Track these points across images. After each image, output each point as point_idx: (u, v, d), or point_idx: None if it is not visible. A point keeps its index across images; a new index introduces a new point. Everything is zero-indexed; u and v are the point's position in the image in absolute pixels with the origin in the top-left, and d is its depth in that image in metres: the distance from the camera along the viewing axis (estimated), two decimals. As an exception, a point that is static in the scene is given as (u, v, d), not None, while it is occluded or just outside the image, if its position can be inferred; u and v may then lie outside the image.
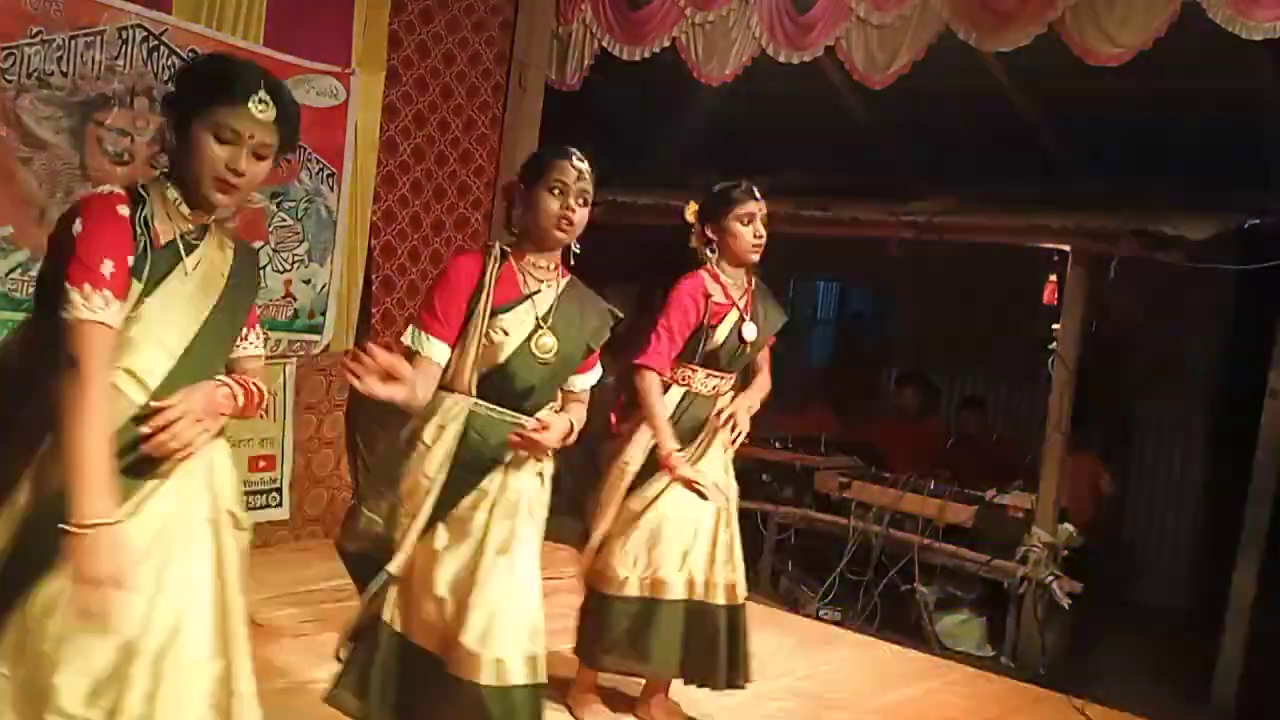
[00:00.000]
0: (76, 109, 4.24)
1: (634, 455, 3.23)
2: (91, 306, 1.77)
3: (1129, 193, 5.73)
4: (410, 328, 2.51)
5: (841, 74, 5.53)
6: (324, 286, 5.19)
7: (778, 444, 6.13)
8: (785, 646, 4.64)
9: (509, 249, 2.59)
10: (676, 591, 3.22)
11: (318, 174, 5.10)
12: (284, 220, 5.00)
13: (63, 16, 4.15)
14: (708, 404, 3.29)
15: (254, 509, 5.02)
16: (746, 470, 5.97)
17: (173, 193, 1.93)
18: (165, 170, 1.95)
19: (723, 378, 3.32)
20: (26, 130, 4.11)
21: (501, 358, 2.50)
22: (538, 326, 2.54)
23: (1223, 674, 4.77)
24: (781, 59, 5.44)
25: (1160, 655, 5.53)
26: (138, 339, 1.88)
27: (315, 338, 5.20)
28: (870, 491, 5.59)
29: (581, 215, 2.56)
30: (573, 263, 2.68)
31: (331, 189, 5.15)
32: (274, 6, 4.80)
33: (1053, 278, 5.19)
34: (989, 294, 6.54)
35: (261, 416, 4.71)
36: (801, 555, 5.85)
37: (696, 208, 3.34)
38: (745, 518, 5.75)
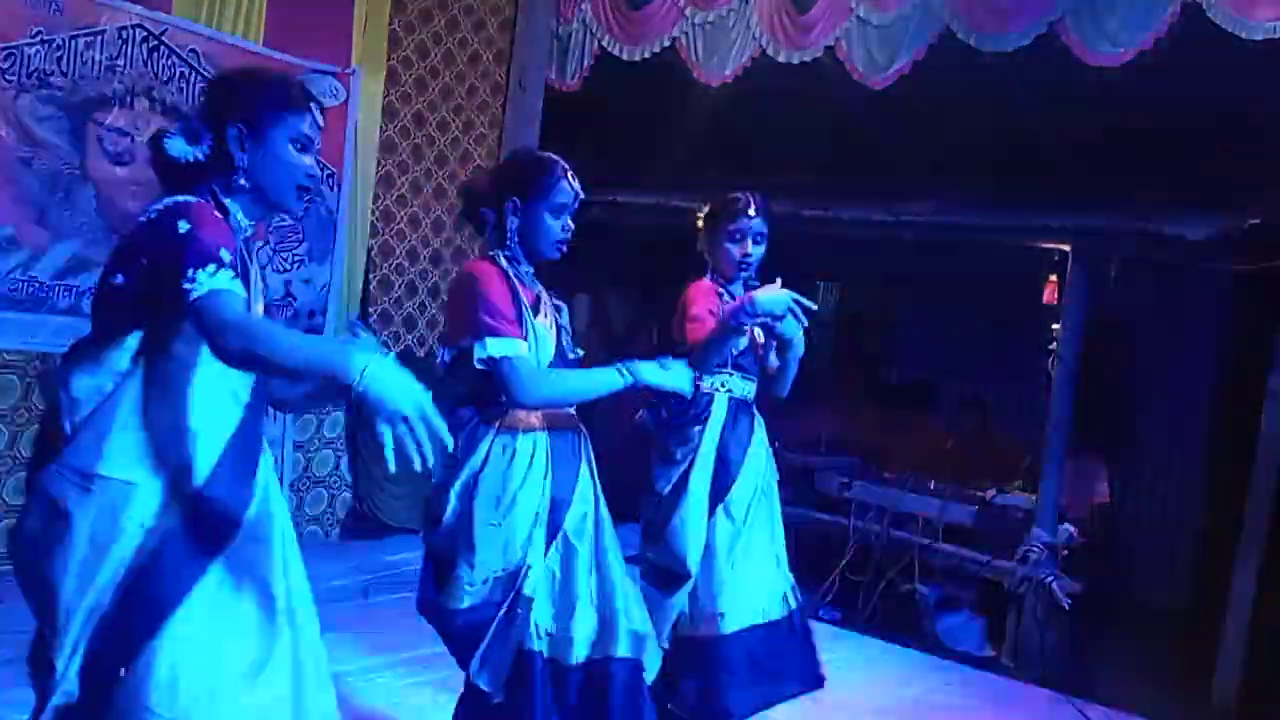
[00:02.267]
0: (76, 109, 4.24)
1: (702, 476, 3.11)
2: (219, 280, 1.72)
3: (1129, 193, 5.73)
4: (484, 340, 2.38)
5: (841, 74, 5.53)
6: (324, 286, 5.19)
7: (777, 443, 6.13)
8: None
9: (511, 257, 2.56)
10: (774, 614, 3.13)
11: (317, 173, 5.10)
12: (284, 220, 5.00)
13: (63, 16, 4.15)
14: (749, 412, 3.22)
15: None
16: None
17: (233, 205, 1.93)
18: (229, 183, 1.91)
19: (754, 382, 3.26)
20: (26, 130, 4.11)
21: (545, 362, 2.50)
22: (560, 329, 2.57)
23: (1223, 674, 4.77)
24: (781, 59, 5.45)
25: (1160, 655, 5.53)
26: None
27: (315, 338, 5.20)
28: (870, 491, 5.59)
29: (570, 233, 2.59)
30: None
31: (331, 189, 5.15)
32: (274, 6, 4.80)
33: (1053, 278, 5.20)
34: (989, 294, 6.54)
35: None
36: (802, 555, 5.85)
37: (705, 212, 3.32)
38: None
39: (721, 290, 3.23)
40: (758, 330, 3.08)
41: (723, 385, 3.17)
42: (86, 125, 4.27)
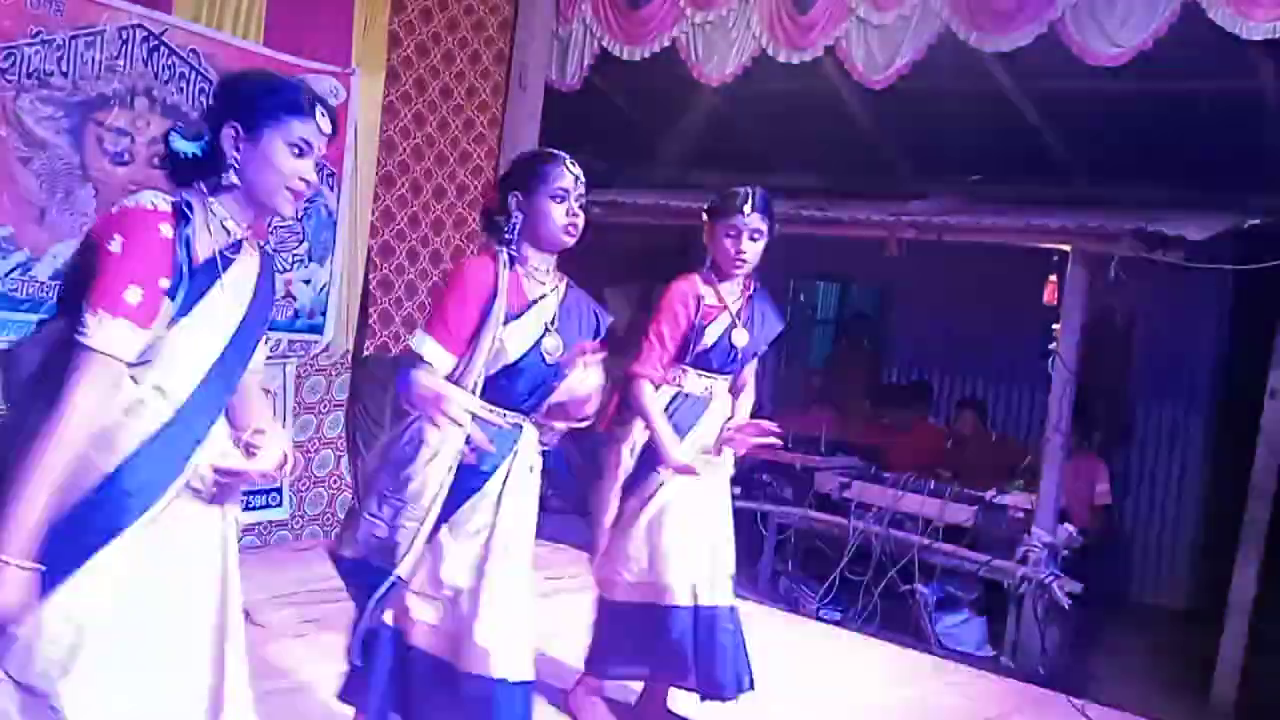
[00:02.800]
0: (76, 109, 4.24)
1: (625, 456, 3.24)
2: (105, 336, 1.75)
3: (1129, 193, 5.73)
4: (419, 332, 2.51)
5: (841, 74, 5.53)
6: (324, 286, 5.19)
7: (778, 444, 6.13)
8: (785, 646, 4.64)
9: (513, 254, 2.57)
10: (682, 597, 3.19)
11: (317, 174, 5.09)
12: (284, 220, 5.00)
13: (63, 16, 4.15)
14: (699, 406, 3.27)
15: (254, 509, 5.03)
16: (747, 470, 5.99)
17: (219, 208, 1.92)
18: (215, 184, 1.91)
19: (714, 379, 3.30)
20: (26, 130, 4.11)
21: (511, 360, 2.51)
22: (545, 330, 2.55)
23: (1223, 674, 4.77)
24: (781, 59, 5.45)
25: (1160, 655, 5.53)
26: (169, 357, 1.86)
27: (315, 338, 5.20)
28: (870, 491, 5.59)
29: (581, 218, 2.57)
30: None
31: (331, 189, 5.14)
32: (274, 6, 4.79)
33: (1053, 278, 5.19)
34: (989, 294, 6.54)
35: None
36: (801, 555, 5.86)
37: (709, 205, 3.33)
38: (745, 518, 5.79)
39: (704, 291, 3.23)
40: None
41: (675, 379, 3.28)
42: (86, 125, 4.27)
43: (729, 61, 5.59)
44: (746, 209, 3.18)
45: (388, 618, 2.54)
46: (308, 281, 5.12)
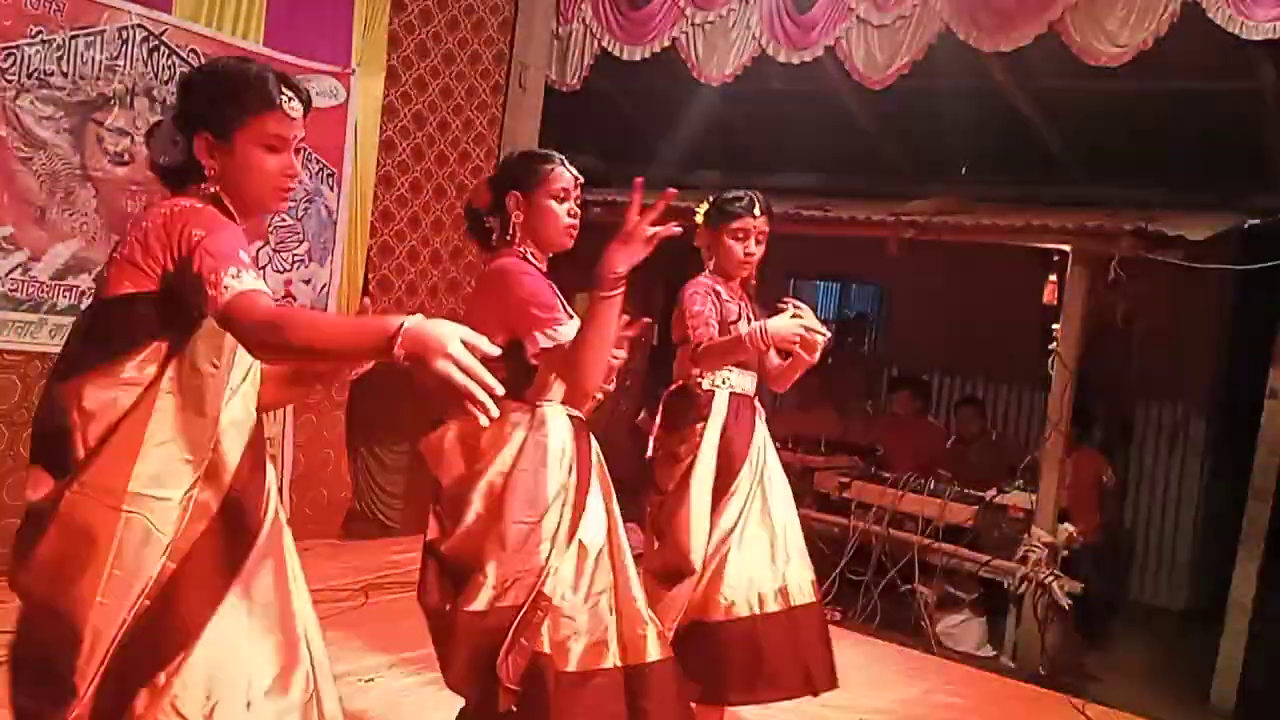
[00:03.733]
0: (76, 109, 4.24)
1: (705, 471, 3.11)
2: (245, 282, 1.68)
3: (1129, 193, 5.72)
4: (546, 330, 2.33)
5: (841, 74, 5.53)
6: (324, 286, 5.19)
7: (778, 443, 6.12)
8: (785, 646, 4.64)
9: (527, 256, 2.52)
10: (772, 604, 3.09)
11: (318, 174, 5.10)
12: (284, 220, 5.00)
13: (63, 16, 4.15)
14: (749, 405, 3.23)
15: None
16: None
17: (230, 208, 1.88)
18: (199, 191, 1.85)
19: (753, 375, 3.27)
20: (26, 130, 4.12)
21: None
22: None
23: (1223, 674, 4.77)
24: (781, 59, 5.45)
25: (1160, 655, 5.53)
26: (217, 360, 1.83)
27: (315, 338, 5.19)
28: (870, 491, 5.59)
29: (578, 221, 2.55)
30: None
31: (331, 189, 5.15)
32: (274, 6, 4.80)
33: (1052, 278, 5.19)
34: (989, 294, 6.53)
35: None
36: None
37: (705, 210, 3.31)
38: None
39: (718, 288, 3.23)
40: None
41: (723, 381, 3.17)
42: (86, 125, 4.27)
43: (729, 61, 5.60)
44: (755, 211, 3.19)
45: (547, 646, 2.34)
46: (308, 281, 5.12)
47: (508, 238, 2.53)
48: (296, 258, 5.07)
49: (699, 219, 3.32)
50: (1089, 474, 5.80)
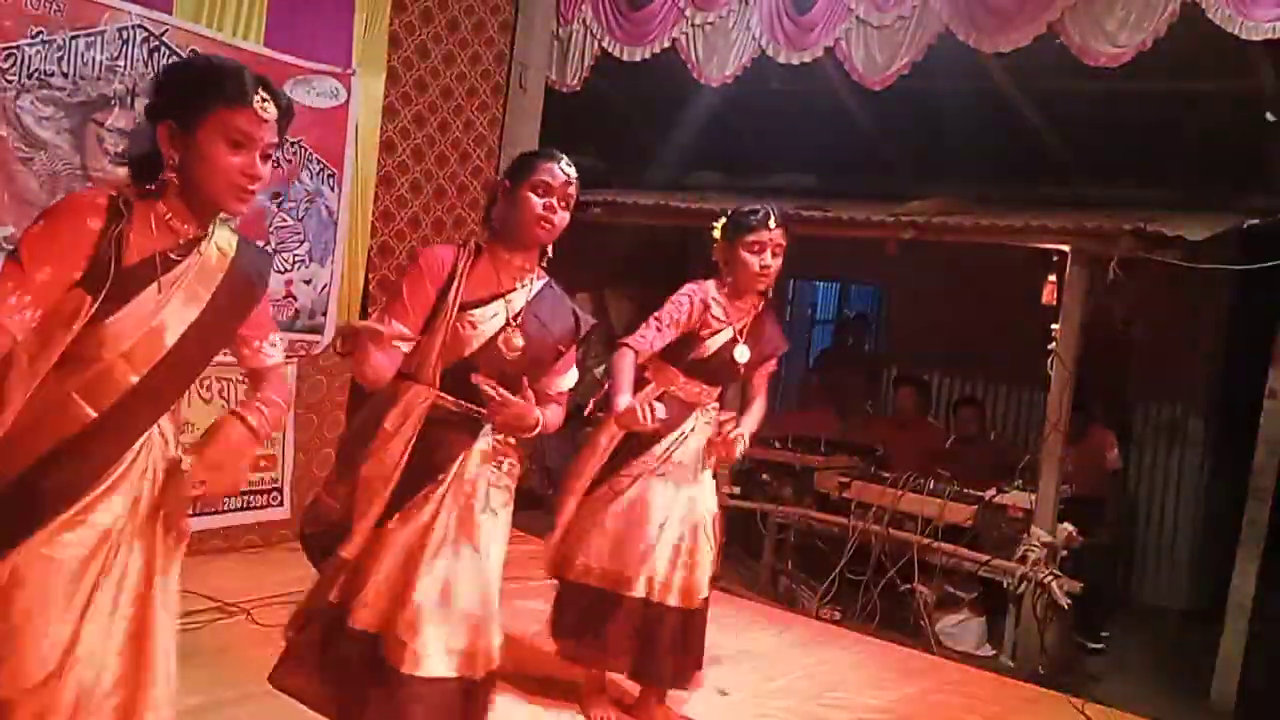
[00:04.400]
0: (77, 109, 4.24)
1: (602, 441, 3.28)
2: None
3: (1128, 193, 5.73)
4: (375, 313, 2.53)
5: (841, 74, 5.53)
6: (324, 287, 5.20)
7: (778, 444, 6.13)
8: (785, 646, 4.65)
9: (483, 244, 2.56)
10: (636, 589, 3.25)
11: (318, 174, 5.10)
12: (284, 221, 5.00)
13: (63, 16, 4.15)
14: (682, 409, 3.29)
15: (254, 509, 5.03)
16: (747, 470, 5.99)
17: (164, 206, 1.85)
18: (159, 182, 1.84)
19: (704, 390, 3.34)
20: (27, 130, 4.12)
21: (467, 351, 2.47)
22: (507, 324, 2.50)
23: (1223, 674, 4.78)
24: (781, 59, 5.45)
25: (1160, 655, 5.53)
26: (100, 357, 1.81)
27: (316, 338, 5.20)
28: (870, 491, 5.59)
29: (562, 217, 2.52)
30: (548, 261, 2.65)
31: (332, 189, 5.15)
32: (274, 7, 4.80)
33: (1052, 278, 5.19)
34: (988, 294, 6.54)
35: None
36: (801, 555, 5.85)
37: (722, 224, 3.34)
38: (745, 517, 5.79)
39: (714, 298, 3.25)
40: None
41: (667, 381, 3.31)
42: (87, 125, 4.27)
43: (729, 62, 5.60)
44: (772, 224, 3.22)
45: (333, 595, 2.49)
46: (308, 282, 5.12)
47: (489, 224, 2.60)
48: (297, 258, 5.07)
49: (716, 234, 3.34)
50: (1097, 449, 5.81)
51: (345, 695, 2.45)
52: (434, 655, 2.40)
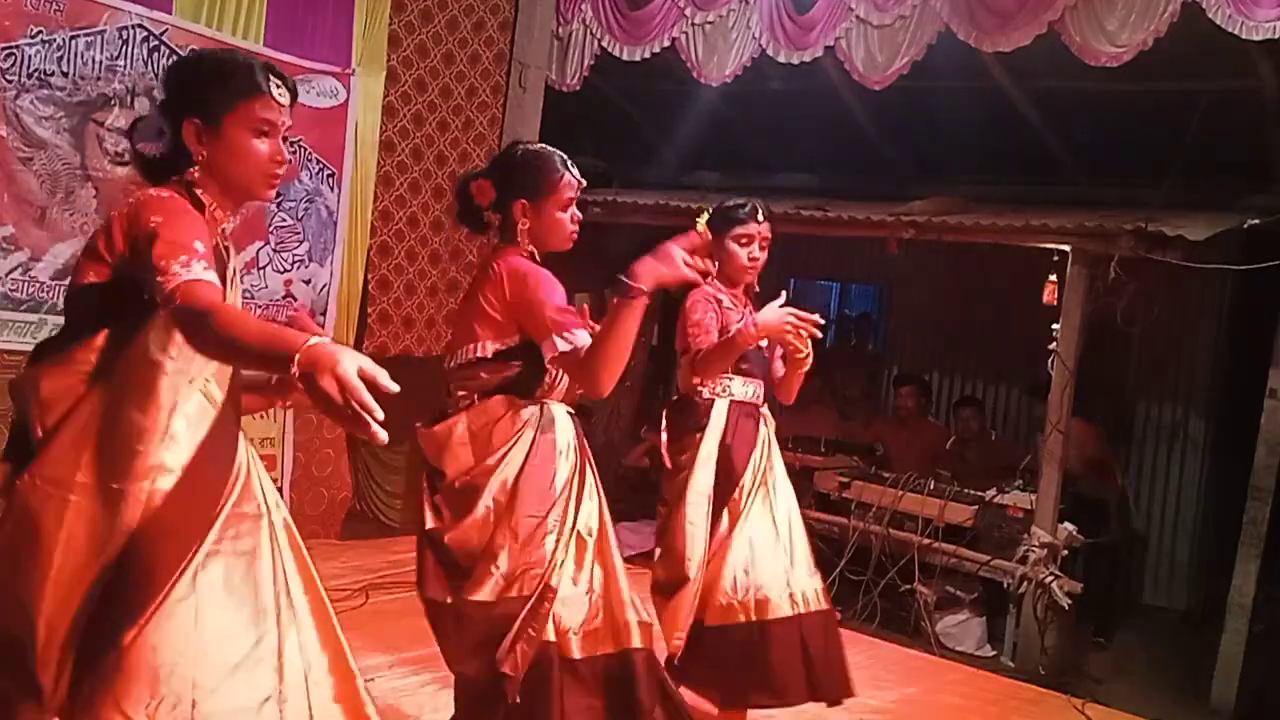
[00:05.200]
0: (77, 109, 4.24)
1: (702, 481, 3.12)
2: (194, 271, 1.65)
3: (1129, 193, 5.73)
4: (563, 334, 2.32)
5: (841, 74, 5.53)
6: (324, 286, 5.20)
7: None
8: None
9: (530, 253, 2.52)
10: (783, 609, 3.11)
11: (318, 174, 5.10)
12: (284, 220, 5.01)
13: (63, 16, 4.15)
14: (752, 414, 3.23)
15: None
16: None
17: (204, 198, 1.85)
18: (192, 177, 1.84)
19: (757, 383, 3.28)
20: (27, 130, 4.12)
21: None
22: None
23: (1223, 674, 4.77)
24: (781, 59, 5.45)
25: (1160, 655, 5.53)
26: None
27: (315, 338, 5.20)
28: (870, 491, 5.59)
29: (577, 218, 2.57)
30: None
31: (332, 189, 5.15)
32: (274, 7, 4.80)
33: (1052, 278, 5.19)
34: (989, 294, 6.54)
35: (261, 416, 4.72)
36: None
37: (706, 218, 3.32)
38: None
39: (720, 295, 3.24)
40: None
41: (724, 390, 3.18)
42: (87, 125, 4.27)
43: (729, 62, 5.60)
44: (759, 217, 3.22)
45: (551, 634, 2.37)
46: (308, 281, 5.12)
47: (514, 239, 2.51)
48: (296, 258, 5.07)
49: (700, 226, 3.31)
50: (1084, 441, 5.82)
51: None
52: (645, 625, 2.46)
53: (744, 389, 3.24)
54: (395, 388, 1.51)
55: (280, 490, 5.15)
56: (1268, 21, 4.17)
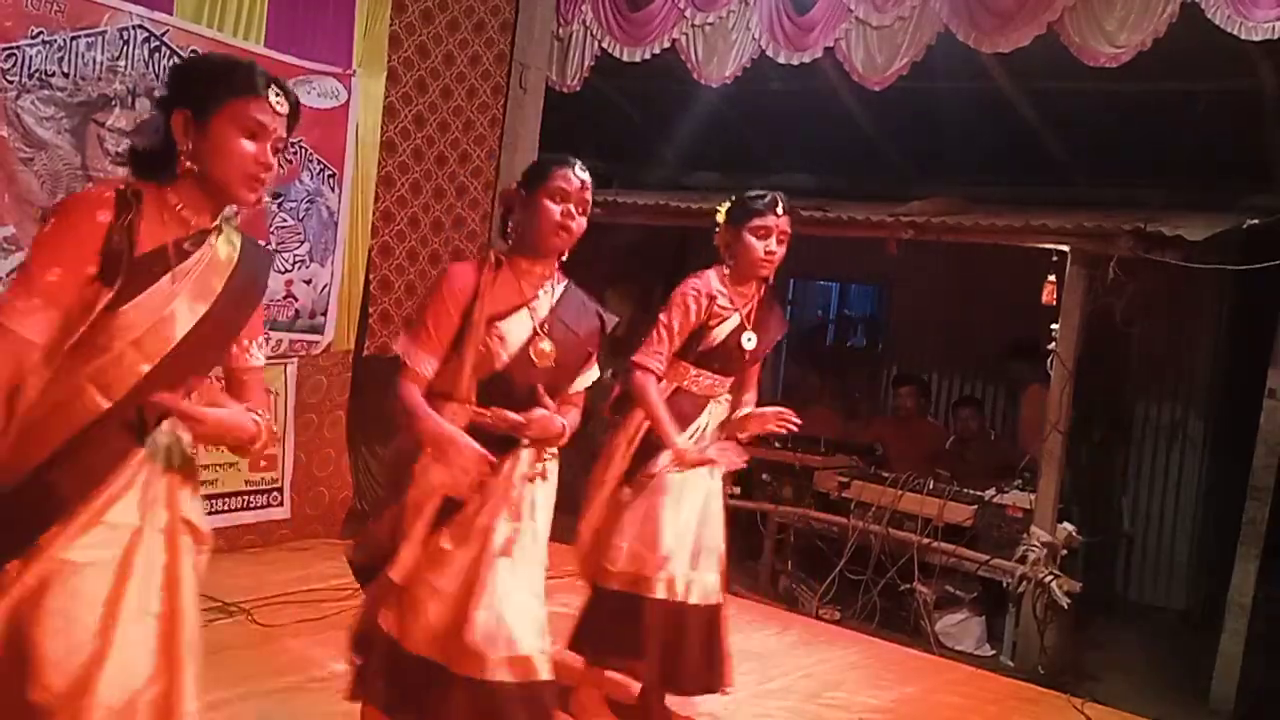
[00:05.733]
0: (77, 109, 4.25)
1: (621, 445, 3.28)
2: (7, 312, 1.76)
3: (1128, 193, 5.73)
4: (401, 337, 2.51)
5: (841, 74, 5.54)
6: (325, 287, 5.20)
7: (778, 444, 6.13)
8: (785, 645, 4.65)
9: (504, 256, 2.55)
10: (658, 590, 3.20)
11: (319, 174, 5.11)
12: (285, 220, 5.01)
13: (64, 17, 4.16)
14: (696, 403, 3.28)
15: (254, 509, 5.04)
16: (746, 470, 5.98)
17: (174, 197, 1.86)
18: (170, 173, 1.86)
19: (715, 380, 3.31)
20: (27, 130, 4.12)
21: (499, 364, 2.48)
22: (535, 333, 2.51)
23: (1222, 674, 4.78)
24: (781, 60, 5.46)
25: (1160, 655, 5.53)
26: (111, 346, 1.83)
27: (316, 338, 5.21)
28: (870, 491, 5.59)
29: (580, 224, 2.52)
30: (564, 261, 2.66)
31: (333, 189, 5.16)
32: (275, 7, 4.81)
33: (1052, 278, 5.20)
34: (989, 294, 6.54)
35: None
36: (801, 555, 5.85)
37: (726, 208, 3.32)
38: (745, 517, 5.79)
39: (718, 289, 3.24)
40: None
41: (685, 381, 3.30)
42: (87, 125, 4.28)
43: (729, 63, 5.60)
44: (779, 210, 3.21)
45: (383, 621, 2.50)
46: (309, 282, 5.13)
47: (507, 235, 2.57)
48: (297, 258, 5.07)
49: (720, 217, 3.32)
50: (1037, 406, 5.86)
51: (424, 712, 2.47)
52: (514, 659, 2.43)
53: (696, 381, 3.30)
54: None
55: (281, 490, 5.17)
56: (1267, 21, 4.17)
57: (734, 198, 3.32)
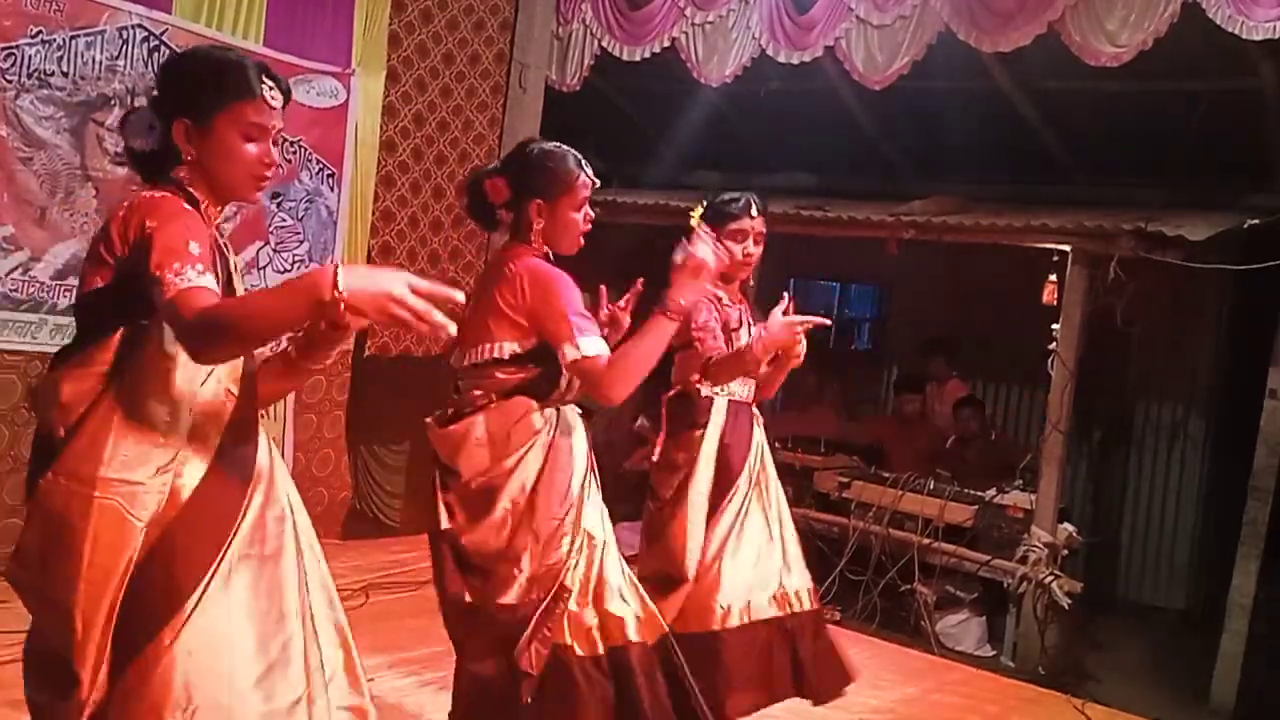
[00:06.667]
0: (77, 109, 4.24)
1: (703, 481, 3.10)
2: (188, 278, 1.65)
3: (1129, 193, 5.72)
4: (583, 338, 2.34)
5: (841, 74, 5.53)
6: (324, 286, 5.19)
7: (778, 444, 6.13)
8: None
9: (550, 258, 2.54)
10: (773, 610, 3.08)
11: (318, 174, 5.10)
12: (284, 220, 5.01)
13: (63, 16, 4.15)
14: (747, 413, 3.21)
15: (254, 509, 5.02)
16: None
17: (200, 197, 1.86)
18: (182, 177, 1.85)
19: (752, 382, 3.25)
20: (27, 130, 4.12)
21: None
22: None
23: (1223, 674, 4.77)
24: (781, 59, 5.45)
25: (1160, 655, 5.53)
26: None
27: (315, 338, 5.20)
28: (870, 491, 5.59)
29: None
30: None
31: (332, 189, 5.15)
32: (274, 7, 4.80)
33: (1052, 278, 5.19)
34: (989, 294, 6.53)
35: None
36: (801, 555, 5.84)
37: (700, 213, 3.30)
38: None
39: (718, 294, 3.23)
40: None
41: (722, 389, 3.17)
42: (87, 125, 4.27)
43: (729, 62, 5.60)
44: (754, 212, 3.19)
45: (566, 638, 2.39)
46: (308, 281, 5.12)
47: (527, 238, 2.51)
48: (297, 258, 5.07)
49: (694, 222, 3.29)
50: (953, 397, 6.25)
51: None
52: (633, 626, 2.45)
53: (742, 388, 3.22)
54: (458, 296, 1.65)
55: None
56: (1268, 21, 4.17)
57: (706, 201, 3.27)
